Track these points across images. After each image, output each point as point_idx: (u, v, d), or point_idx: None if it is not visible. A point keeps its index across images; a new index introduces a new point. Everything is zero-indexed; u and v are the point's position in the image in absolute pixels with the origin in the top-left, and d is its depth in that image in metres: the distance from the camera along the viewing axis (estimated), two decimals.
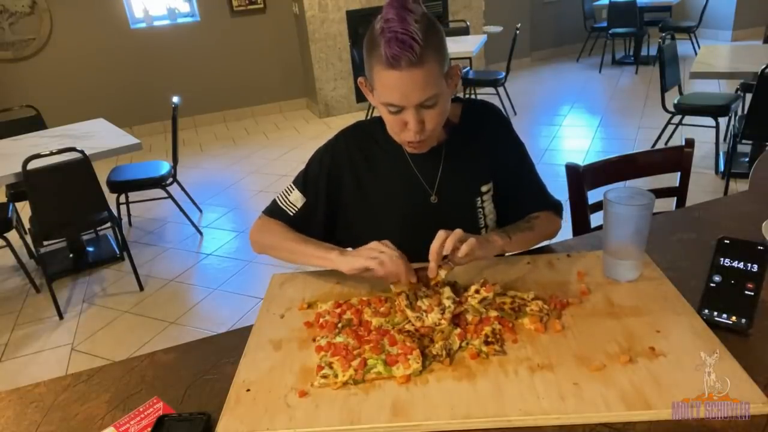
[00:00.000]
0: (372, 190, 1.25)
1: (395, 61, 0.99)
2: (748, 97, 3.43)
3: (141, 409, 0.90)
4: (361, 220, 1.27)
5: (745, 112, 3.47)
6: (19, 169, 2.63)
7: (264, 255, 1.28)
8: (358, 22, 5.85)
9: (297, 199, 1.26)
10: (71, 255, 3.41)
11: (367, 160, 1.26)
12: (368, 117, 5.50)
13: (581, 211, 1.67)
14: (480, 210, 1.27)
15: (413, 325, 1.00)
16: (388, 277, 1.05)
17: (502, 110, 1.31)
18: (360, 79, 1.15)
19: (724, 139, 4.01)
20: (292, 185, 1.28)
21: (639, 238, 1.07)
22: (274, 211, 1.29)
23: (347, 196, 1.26)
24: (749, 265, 0.97)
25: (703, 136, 3.79)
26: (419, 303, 1.03)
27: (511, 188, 1.30)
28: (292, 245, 1.21)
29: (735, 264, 0.98)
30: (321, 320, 1.06)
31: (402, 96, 1.04)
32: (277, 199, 1.30)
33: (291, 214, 1.27)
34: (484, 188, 1.27)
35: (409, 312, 1.02)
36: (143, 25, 5.76)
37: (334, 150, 1.27)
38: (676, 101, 3.86)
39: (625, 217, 1.05)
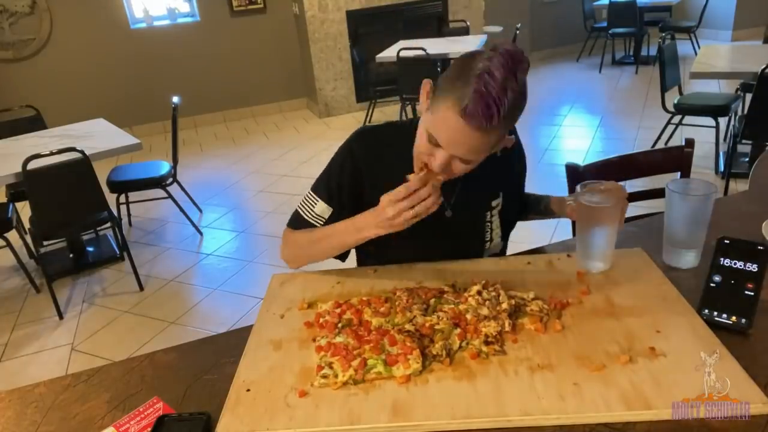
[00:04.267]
0: None
1: (469, 117, 0.96)
2: (748, 97, 3.43)
3: (141, 409, 0.90)
4: None
5: (745, 112, 3.47)
6: (19, 169, 2.63)
7: (303, 267, 1.28)
8: (358, 22, 5.85)
9: (323, 210, 1.22)
10: (71, 255, 3.41)
11: (383, 167, 1.21)
12: (368, 118, 5.50)
13: None
14: (488, 224, 1.27)
15: (413, 324, 1.00)
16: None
17: None
18: (427, 83, 1.10)
19: (724, 139, 4.01)
20: (315, 196, 1.23)
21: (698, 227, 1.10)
22: (300, 224, 1.26)
23: (367, 200, 1.20)
24: (749, 265, 0.97)
25: (703, 136, 3.79)
26: (415, 309, 1.03)
27: (514, 196, 1.33)
28: (322, 239, 1.21)
29: (735, 264, 0.98)
30: (321, 320, 1.06)
31: (449, 142, 1.01)
32: (300, 212, 1.26)
33: (319, 226, 1.23)
34: (494, 203, 1.27)
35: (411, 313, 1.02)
36: (143, 25, 5.76)
37: (353, 156, 1.22)
38: (676, 101, 3.86)
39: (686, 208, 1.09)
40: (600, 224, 1.10)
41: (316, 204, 1.23)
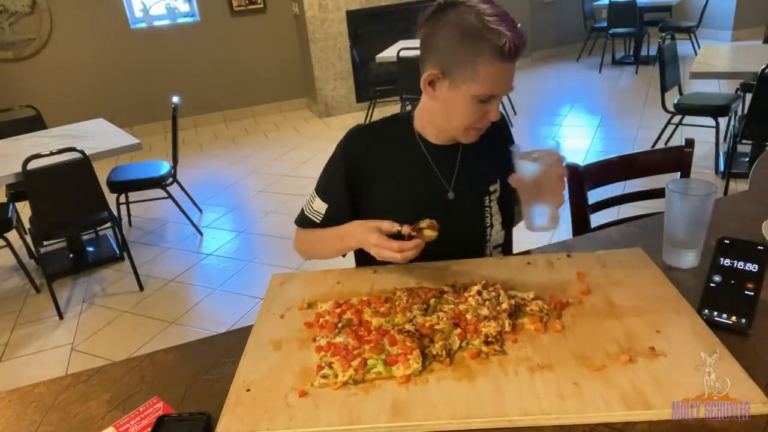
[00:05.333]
0: (390, 187, 1.26)
1: (515, 54, 1.04)
2: (748, 97, 3.43)
3: (141, 409, 0.90)
4: (379, 216, 1.22)
5: (745, 112, 3.47)
6: (19, 169, 2.63)
7: (307, 260, 1.39)
8: (358, 22, 5.85)
9: (320, 207, 1.29)
10: (71, 255, 3.41)
11: (381, 159, 1.26)
12: (368, 118, 5.50)
13: (581, 211, 1.66)
14: (487, 209, 1.29)
15: (413, 324, 1.00)
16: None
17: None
18: (432, 72, 1.11)
19: (724, 139, 4.01)
20: (314, 193, 1.31)
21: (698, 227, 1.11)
22: (303, 220, 1.33)
23: (365, 195, 1.27)
24: (749, 265, 0.97)
25: (703, 136, 3.79)
26: (415, 309, 1.03)
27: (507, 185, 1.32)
28: (323, 242, 1.29)
29: (735, 264, 0.98)
30: (321, 320, 1.06)
31: (506, 86, 1.09)
32: (304, 208, 1.33)
33: (318, 221, 1.30)
34: (492, 188, 1.29)
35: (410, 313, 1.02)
36: (143, 25, 5.76)
37: (347, 153, 1.27)
38: (676, 101, 3.86)
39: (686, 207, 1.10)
40: (540, 187, 1.09)
41: (314, 200, 1.31)
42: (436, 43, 1.09)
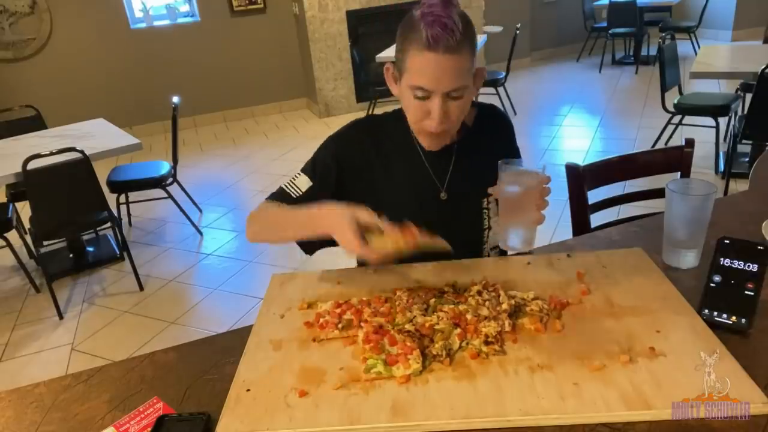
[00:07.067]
0: (381, 182, 1.25)
1: (435, 43, 1.01)
2: (748, 97, 3.43)
3: (141, 409, 0.90)
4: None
5: (745, 112, 3.47)
6: (19, 169, 2.63)
7: (257, 243, 1.27)
8: (358, 22, 5.85)
9: (303, 183, 1.24)
10: (71, 255, 3.41)
11: (378, 152, 1.25)
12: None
13: (581, 211, 1.66)
14: (486, 211, 1.28)
15: (413, 324, 1.00)
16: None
17: (504, 109, 1.32)
18: (387, 65, 1.17)
19: (724, 139, 4.01)
20: (300, 171, 1.27)
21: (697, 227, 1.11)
22: (276, 195, 1.27)
23: (355, 185, 1.25)
24: (749, 265, 0.97)
25: (703, 136, 3.79)
26: (415, 309, 1.03)
27: None
28: (287, 218, 1.18)
29: (735, 264, 0.98)
30: (321, 320, 1.06)
31: (434, 80, 1.05)
32: (282, 185, 1.28)
33: (295, 196, 1.24)
34: (490, 190, 1.27)
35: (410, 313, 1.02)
36: (143, 25, 5.76)
37: (346, 139, 1.26)
38: (676, 101, 3.86)
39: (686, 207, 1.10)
40: (518, 208, 1.09)
41: (298, 177, 1.26)
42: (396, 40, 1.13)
